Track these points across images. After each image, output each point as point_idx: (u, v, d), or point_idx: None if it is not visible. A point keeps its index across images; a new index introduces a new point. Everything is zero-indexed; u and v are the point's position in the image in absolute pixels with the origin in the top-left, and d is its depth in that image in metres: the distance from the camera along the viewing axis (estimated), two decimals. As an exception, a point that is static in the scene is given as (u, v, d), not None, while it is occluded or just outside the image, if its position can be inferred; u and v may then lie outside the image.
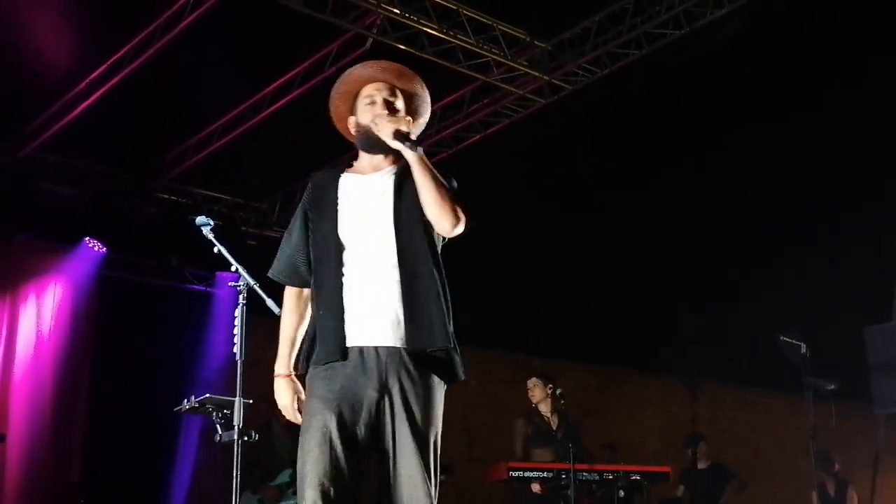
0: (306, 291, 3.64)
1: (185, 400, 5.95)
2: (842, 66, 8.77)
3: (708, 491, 10.53)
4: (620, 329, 12.53)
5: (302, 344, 3.57)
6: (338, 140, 10.35)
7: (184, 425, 10.14)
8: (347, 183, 3.59)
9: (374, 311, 3.39)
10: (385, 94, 3.66)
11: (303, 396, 3.51)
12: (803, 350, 7.97)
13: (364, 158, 3.67)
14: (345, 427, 3.29)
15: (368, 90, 3.68)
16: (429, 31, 8.25)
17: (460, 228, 3.44)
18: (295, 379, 3.60)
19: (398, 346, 3.35)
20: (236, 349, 5.09)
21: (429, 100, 3.82)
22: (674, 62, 8.74)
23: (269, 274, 3.76)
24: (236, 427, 5.13)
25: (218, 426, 5.67)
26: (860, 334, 8.60)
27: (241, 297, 5.14)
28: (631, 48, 8.69)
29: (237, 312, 5.14)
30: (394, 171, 3.57)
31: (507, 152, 10.11)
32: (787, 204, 10.54)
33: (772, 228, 11.15)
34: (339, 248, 3.48)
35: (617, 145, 10.08)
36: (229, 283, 5.29)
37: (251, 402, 5.28)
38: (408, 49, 8.31)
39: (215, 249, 5.21)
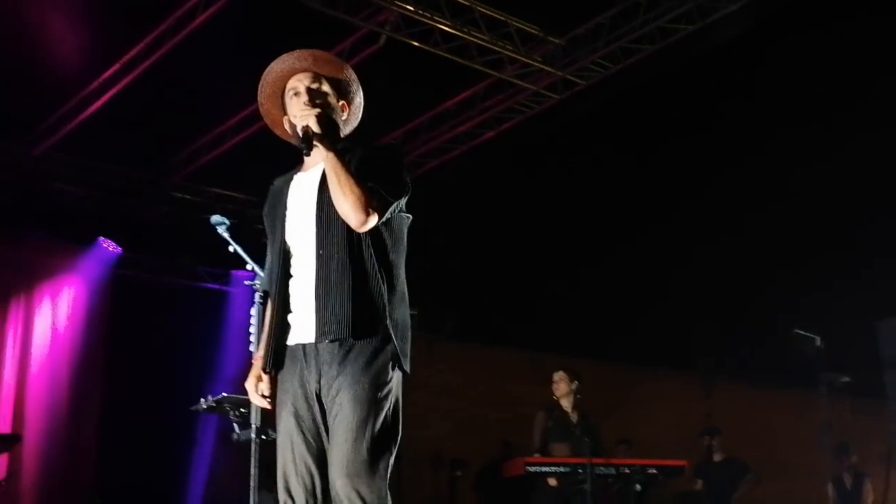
0: None
1: (202, 399, 5.94)
2: (851, 69, 8.75)
3: (723, 484, 10.52)
4: (636, 326, 12.52)
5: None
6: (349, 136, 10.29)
7: (200, 424, 10.15)
8: (294, 185, 3.55)
9: (300, 309, 3.40)
10: (307, 82, 3.52)
11: (263, 378, 3.53)
12: (818, 343, 7.94)
13: (306, 157, 3.53)
14: (301, 425, 3.33)
15: (292, 83, 3.55)
16: (443, 27, 8.21)
17: (369, 225, 3.30)
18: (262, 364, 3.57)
19: (313, 341, 3.33)
20: (252, 348, 5.08)
21: (356, 79, 3.66)
22: (687, 56, 8.70)
23: (258, 286, 3.86)
24: (253, 426, 5.10)
25: (235, 425, 5.66)
26: (873, 329, 8.56)
27: (256, 295, 5.12)
28: (644, 43, 8.65)
29: (253, 311, 5.13)
30: (321, 166, 3.45)
31: (522, 148, 10.09)
32: (802, 201, 10.49)
33: (786, 225, 11.10)
34: (286, 251, 3.47)
35: (633, 140, 10.05)
36: (245, 282, 5.28)
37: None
38: (422, 46, 8.28)
39: (230, 248, 5.21)
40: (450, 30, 8.25)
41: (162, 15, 8.09)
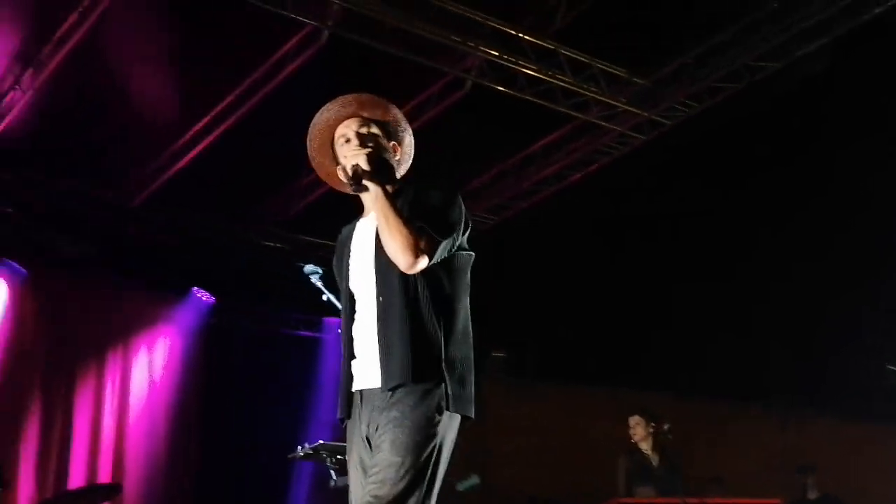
0: None
1: (299, 446, 5.99)
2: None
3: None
4: (719, 360, 12.32)
5: None
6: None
7: (296, 472, 10.22)
8: (356, 231, 3.57)
9: (361, 355, 3.39)
10: (355, 127, 3.53)
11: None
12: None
13: (365, 199, 3.56)
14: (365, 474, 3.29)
15: (340, 131, 3.56)
16: (527, 71, 8.26)
17: (418, 267, 3.25)
18: None
19: (377, 386, 3.29)
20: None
21: (403, 119, 3.67)
22: (774, 93, 8.62)
23: None
24: (351, 472, 5.12)
25: (332, 472, 5.70)
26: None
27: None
28: (730, 81, 8.60)
29: None
30: None
31: (608, 189, 10.06)
32: (889, 228, 10.27)
33: (872, 254, 10.85)
34: (351, 299, 3.49)
35: (718, 177, 9.95)
36: (338, 330, 5.32)
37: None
38: (507, 91, 8.34)
39: (324, 297, 5.25)
40: (535, 74, 8.30)
41: (253, 65, 8.27)
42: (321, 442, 5.90)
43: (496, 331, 12.03)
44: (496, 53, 8.09)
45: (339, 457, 5.80)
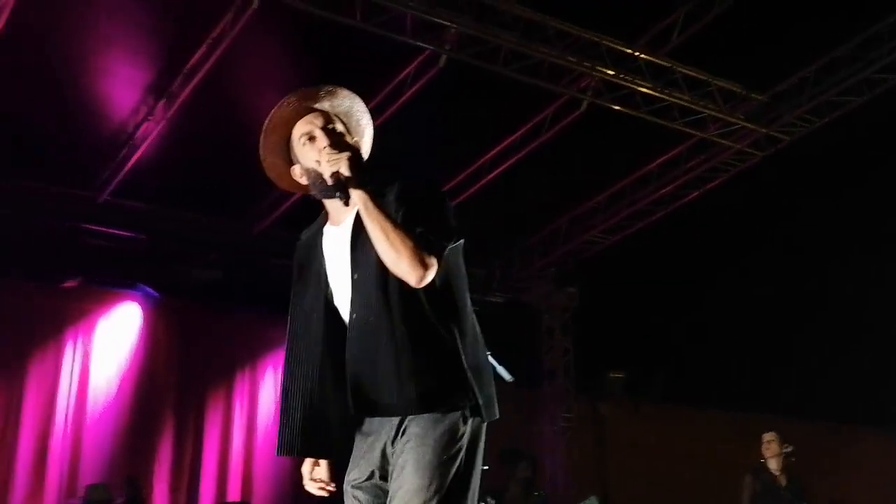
0: None
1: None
2: None
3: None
4: (840, 384, 12.05)
5: None
6: (557, 205, 10.43)
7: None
8: (326, 240, 3.13)
9: (364, 379, 2.96)
10: (320, 122, 3.05)
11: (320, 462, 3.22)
12: None
13: (330, 205, 3.11)
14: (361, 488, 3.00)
15: (302, 128, 3.06)
16: (643, 90, 8.30)
17: (429, 278, 2.82)
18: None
19: (389, 411, 2.92)
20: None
21: (366, 110, 3.22)
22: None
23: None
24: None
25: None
26: None
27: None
28: (851, 95, 8.47)
29: None
30: (352, 216, 3.02)
31: (727, 208, 9.98)
32: None
33: None
34: (330, 315, 3.06)
35: (842, 196, 9.78)
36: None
37: (486, 468, 5.34)
38: (623, 110, 8.38)
39: None
40: (651, 92, 8.33)
41: (372, 92, 8.46)
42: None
43: (616, 352, 12.00)
44: (612, 73, 8.16)
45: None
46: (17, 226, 9.01)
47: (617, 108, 8.38)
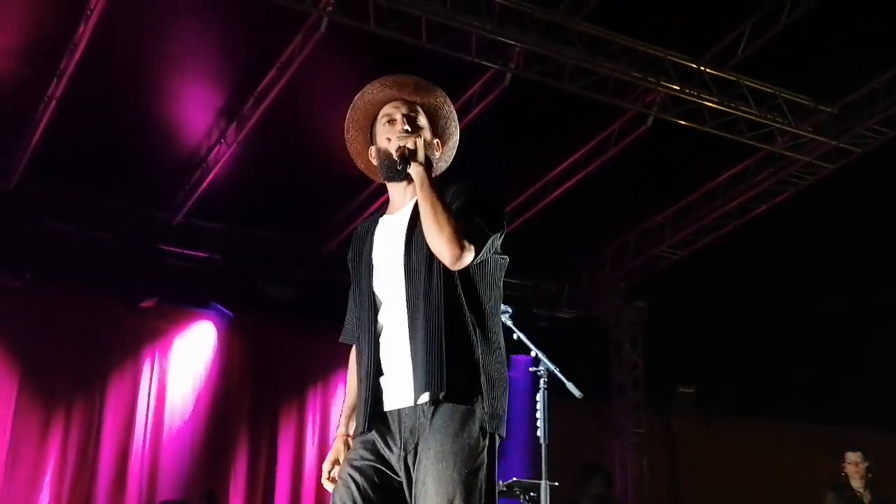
0: None
1: (493, 484, 6.10)
2: None
3: None
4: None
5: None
6: (625, 220, 10.41)
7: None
8: (380, 228, 3.17)
9: (393, 370, 3.00)
10: (404, 110, 3.14)
11: (341, 460, 3.12)
12: None
13: (392, 193, 3.19)
14: (366, 492, 2.94)
15: (387, 110, 3.17)
16: (710, 104, 8.27)
17: (465, 261, 2.86)
18: (347, 440, 3.18)
19: (410, 404, 2.93)
20: (540, 433, 5.20)
21: (455, 116, 3.29)
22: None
23: (340, 339, 3.37)
24: (543, 510, 5.22)
25: (526, 509, 5.79)
26: None
27: (542, 381, 5.25)
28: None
29: (539, 396, 5.26)
30: (411, 204, 3.09)
31: (796, 221, 9.88)
32: None
33: None
34: (374, 302, 3.07)
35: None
36: (529, 369, 5.39)
37: (556, 484, 5.38)
38: (689, 124, 8.36)
39: (514, 336, 5.32)
40: (717, 106, 8.30)
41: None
42: (515, 479, 6.00)
43: (685, 366, 11.93)
44: (677, 88, 8.16)
45: (531, 493, 5.89)
46: (97, 246, 9.28)
47: (683, 122, 8.37)
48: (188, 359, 10.02)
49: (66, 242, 9.21)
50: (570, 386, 5.09)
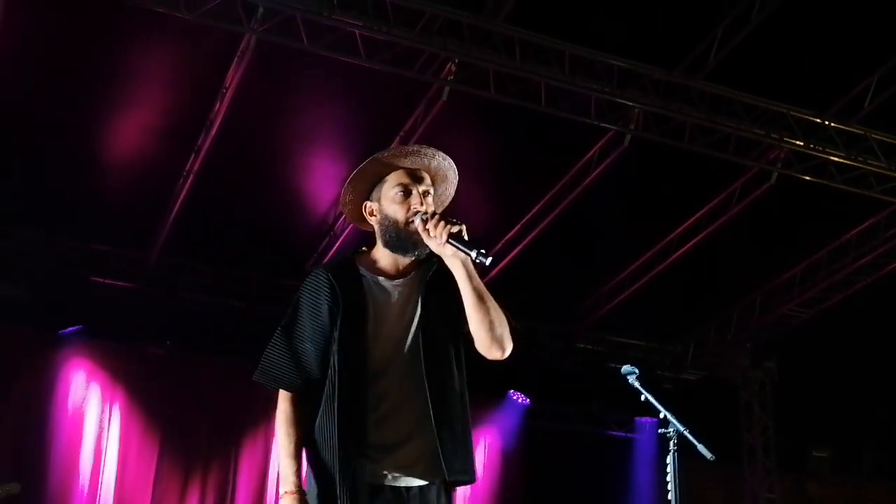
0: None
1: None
2: None
3: None
4: None
5: (311, 478, 3.03)
6: (751, 279, 10.18)
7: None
8: (372, 286, 3.08)
9: (401, 440, 2.94)
10: (421, 185, 3.08)
11: None
12: None
13: (384, 256, 3.12)
14: None
15: (401, 177, 3.08)
16: (836, 159, 8.15)
17: (507, 354, 2.97)
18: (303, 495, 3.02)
19: (435, 481, 2.91)
20: (671, 496, 5.14)
21: (456, 180, 3.23)
22: None
23: (260, 378, 3.15)
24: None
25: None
26: None
27: (671, 443, 5.20)
28: None
29: (669, 459, 5.20)
30: (419, 277, 3.10)
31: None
32: None
33: None
34: (367, 363, 2.98)
35: None
36: (659, 430, 5.35)
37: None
38: (814, 180, 8.25)
39: (642, 397, 5.28)
40: (844, 161, 8.17)
41: (558, 173, 8.65)
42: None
43: (819, 428, 11.61)
44: (801, 143, 8.07)
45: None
46: (232, 314, 9.62)
47: (808, 178, 8.26)
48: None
49: (202, 311, 9.61)
50: (700, 448, 5.01)
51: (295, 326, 3.07)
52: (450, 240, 2.89)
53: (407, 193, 3.06)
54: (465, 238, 2.91)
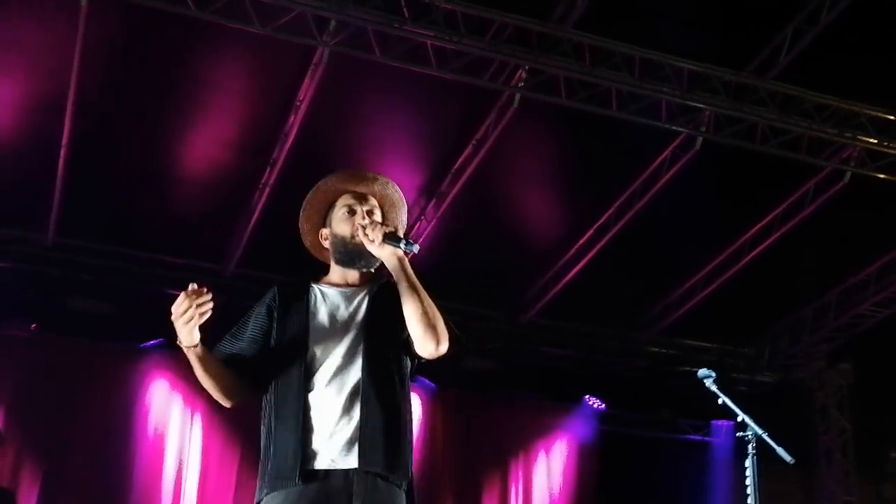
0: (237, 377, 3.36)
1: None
2: None
3: None
4: None
5: (261, 467, 3.26)
6: (825, 279, 10.09)
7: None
8: (318, 292, 3.33)
9: (333, 432, 3.09)
10: (365, 204, 3.38)
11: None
12: None
13: (336, 273, 3.41)
14: None
15: (346, 200, 3.40)
16: (911, 157, 8.09)
17: (443, 350, 3.11)
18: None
19: (353, 467, 3.05)
20: (750, 500, 5.14)
21: (405, 207, 3.55)
22: None
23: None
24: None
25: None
26: None
27: (749, 447, 5.19)
28: None
29: (748, 462, 5.20)
30: (367, 289, 3.32)
31: None
32: None
33: None
34: (306, 359, 3.19)
35: None
36: (737, 434, 5.35)
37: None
38: (889, 178, 8.18)
39: (719, 401, 5.27)
40: (918, 157, 8.11)
41: (629, 178, 8.69)
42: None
43: (896, 429, 11.47)
44: (875, 142, 8.01)
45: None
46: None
47: (882, 176, 8.20)
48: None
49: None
50: (779, 451, 5.00)
51: (236, 329, 3.40)
52: (385, 240, 3.16)
53: (352, 212, 3.35)
54: (400, 236, 3.21)
